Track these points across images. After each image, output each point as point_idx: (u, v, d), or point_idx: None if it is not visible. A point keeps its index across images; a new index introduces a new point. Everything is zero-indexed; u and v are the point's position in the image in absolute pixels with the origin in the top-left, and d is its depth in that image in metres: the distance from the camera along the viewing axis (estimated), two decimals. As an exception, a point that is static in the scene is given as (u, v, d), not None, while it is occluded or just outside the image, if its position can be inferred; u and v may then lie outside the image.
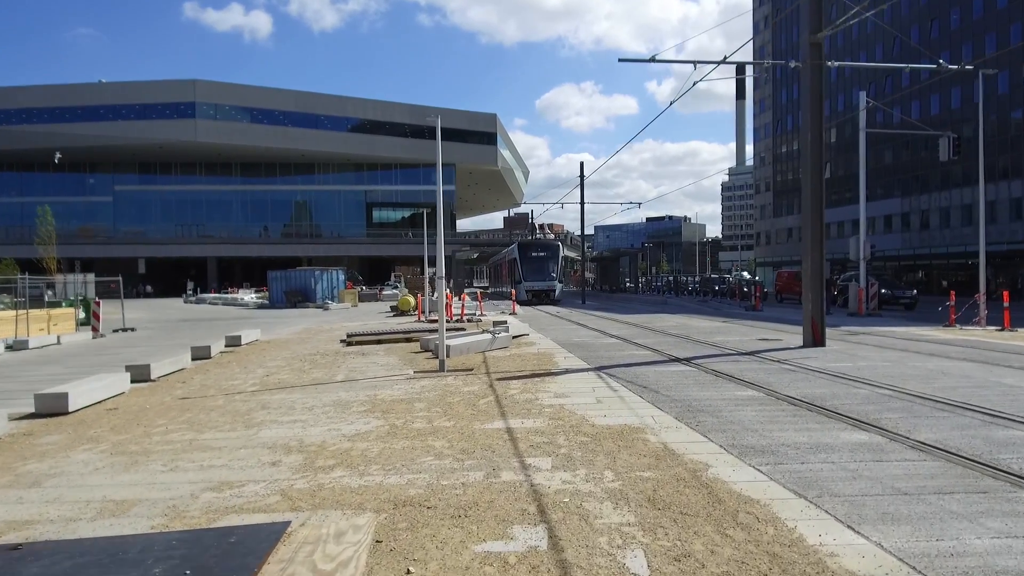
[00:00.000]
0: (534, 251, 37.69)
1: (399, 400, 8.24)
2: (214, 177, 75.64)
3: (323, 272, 44.38)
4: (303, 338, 18.17)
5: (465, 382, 9.55)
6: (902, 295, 30.86)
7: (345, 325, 23.04)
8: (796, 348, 12.99)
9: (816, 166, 12.87)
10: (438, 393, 8.66)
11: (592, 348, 13.86)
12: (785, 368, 10.42)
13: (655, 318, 23.05)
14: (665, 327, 18.85)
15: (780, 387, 8.64)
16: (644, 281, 54.11)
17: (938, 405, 7.38)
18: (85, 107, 67.82)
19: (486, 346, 13.42)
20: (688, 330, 17.74)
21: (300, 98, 72.00)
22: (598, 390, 8.58)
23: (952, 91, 52.70)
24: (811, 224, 12.91)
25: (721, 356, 12.01)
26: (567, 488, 4.59)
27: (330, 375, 10.74)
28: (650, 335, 16.49)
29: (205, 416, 7.70)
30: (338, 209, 77.85)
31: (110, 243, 70.02)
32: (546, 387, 8.91)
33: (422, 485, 4.76)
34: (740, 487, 4.52)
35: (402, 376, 10.34)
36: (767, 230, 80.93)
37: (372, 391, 8.98)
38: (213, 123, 69.11)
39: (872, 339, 14.86)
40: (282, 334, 19.74)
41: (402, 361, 12.32)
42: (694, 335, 16.15)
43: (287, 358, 13.34)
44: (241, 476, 5.20)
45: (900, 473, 4.88)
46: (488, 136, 77.31)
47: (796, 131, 72.50)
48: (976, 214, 50.26)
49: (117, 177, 74.55)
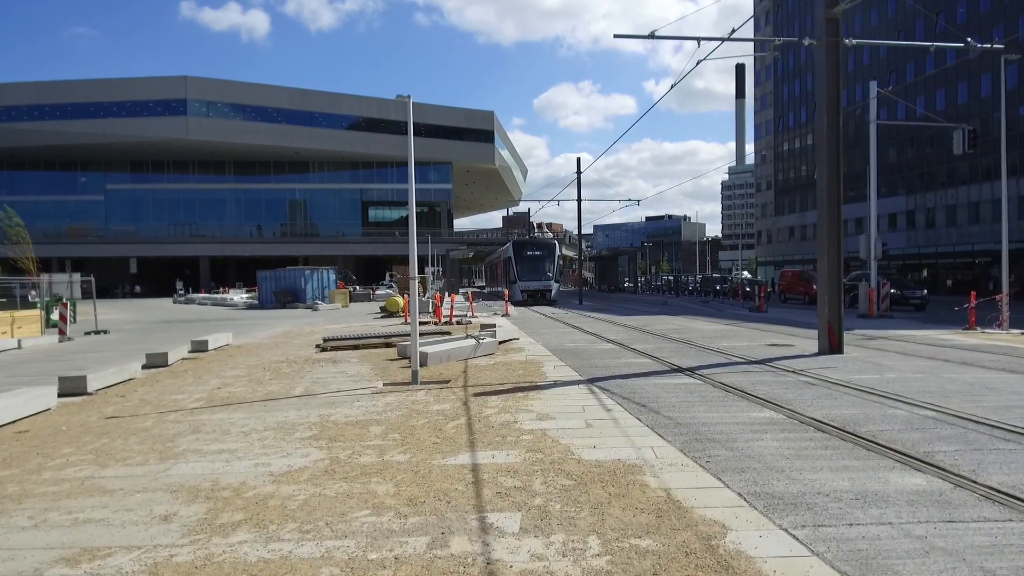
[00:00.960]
0: (529, 250, 36.33)
1: (354, 423, 7.00)
2: (207, 175, 74.33)
3: (313, 272, 43.12)
4: (278, 342, 16.93)
5: (437, 398, 8.31)
6: (912, 295, 29.61)
7: (328, 327, 21.81)
8: (811, 356, 11.74)
9: (833, 155, 11.63)
10: (402, 413, 7.42)
11: (586, 355, 12.61)
12: (803, 381, 9.17)
13: (655, 320, 21.81)
14: (666, 330, 17.61)
15: (802, 406, 7.40)
16: (643, 281, 52.82)
17: (998, 432, 6.14)
18: (75, 104, 66.48)
19: (468, 353, 12.17)
20: (691, 334, 16.49)
21: (294, 95, 70.70)
22: (589, 409, 7.34)
23: (959, 86, 51.38)
24: (827, 219, 11.67)
25: (729, 365, 10.76)
26: (536, 569, 3.35)
27: (288, 388, 9.51)
28: (649, 339, 15.25)
29: (122, 443, 6.46)
30: (333, 208, 76.59)
31: (101, 242, 68.73)
32: (529, 405, 7.67)
33: (341, 560, 3.52)
34: (774, 569, 3.28)
35: (367, 390, 9.11)
36: (768, 229, 79.66)
37: (328, 410, 7.74)
38: (205, 120, 67.79)
39: (892, 344, 13.61)
40: (257, 337, 18.50)
41: (374, 371, 11.08)
42: (697, 340, 14.90)
43: (250, 366, 12.10)
44: (115, 538, 3.97)
45: (986, 543, 3.64)
46: (485, 134, 76.06)
47: (798, 128, 71.23)
48: (985, 211, 49.05)
49: (109, 176, 73.22)
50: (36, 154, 68.68)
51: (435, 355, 11.35)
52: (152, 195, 73.67)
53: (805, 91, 70.10)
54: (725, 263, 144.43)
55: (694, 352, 12.65)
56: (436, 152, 73.60)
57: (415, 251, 9.82)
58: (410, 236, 9.77)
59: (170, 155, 71.49)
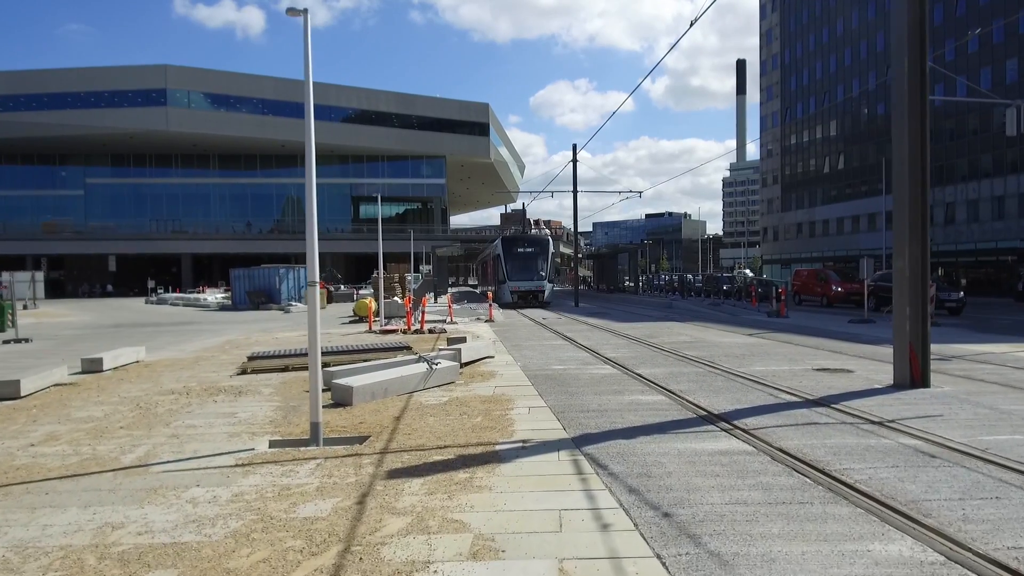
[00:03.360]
0: (520, 246, 32.73)
1: (137, 554, 3.78)
2: (191, 170, 71.14)
3: (289, 270, 39.86)
4: (204, 357, 13.72)
5: (327, 481, 5.09)
6: (947, 298, 26.40)
7: (286, 335, 18.61)
8: (887, 390, 8.52)
9: (916, 124, 8.37)
10: (243, 524, 4.20)
11: (575, 385, 9.37)
12: (910, 447, 5.92)
13: (661, 329, 18.58)
14: (677, 344, 14.37)
15: (951, 519, 4.17)
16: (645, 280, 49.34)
17: None
18: (51, 94, 63.05)
19: (415, 384, 8.93)
20: (710, 350, 13.25)
21: (279, 85, 67.36)
22: (570, 524, 4.13)
23: (1007, 64, 47.42)
24: (909, 206, 8.41)
25: (781, 410, 7.54)
26: None
27: (130, 447, 6.32)
28: (659, 359, 12.02)
29: None
30: (322, 203, 73.29)
31: (79, 239, 65.55)
32: (469, 502, 4.47)
33: None
34: None
35: (237, 455, 5.90)
36: (774, 225, 76.26)
37: (132, 510, 4.52)
38: (186, 111, 64.52)
39: (977, 369, 10.39)
40: (188, 349, 15.26)
41: (279, 411, 7.89)
42: (720, 359, 11.67)
43: (126, 399, 8.92)
44: None
45: None
46: (480, 127, 72.73)
47: (807, 119, 67.83)
48: (1011, 206, 45.73)
49: (89, 170, 69.99)
50: (12, 147, 65.37)
51: (364, 390, 8.13)
52: (134, 190, 70.39)
53: (814, 80, 66.72)
54: (726, 261, 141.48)
55: (722, 382, 9.42)
56: (429, 145, 70.25)
57: (314, 239, 6.64)
58: (307, 201, 6.58)
59: (152, 148, 68.22)
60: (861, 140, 60.53)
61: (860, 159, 60.51)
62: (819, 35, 65.74)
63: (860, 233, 59.92)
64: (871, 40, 58.21)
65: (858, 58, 60.25)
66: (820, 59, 65.75)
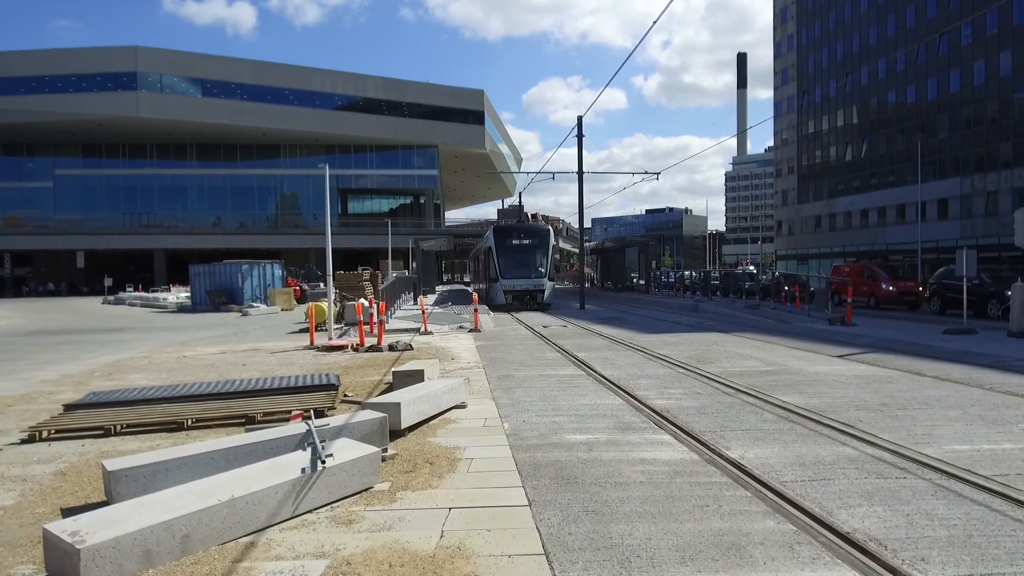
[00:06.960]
0: (515, 237, 27.31)
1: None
2: (167, 161, 66.16)
3: (253, 266, 35.04)
4: (36, 393, 8.92)
5: None
6: None
7: (201, 352, 13.77)
8: None
9: None
10: None
11: (621, 507, 4.56)
12: None
13: (707, 344, 13.76)
14: (751, 377, 9.52)
15: None
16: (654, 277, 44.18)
17: None
18: (12, 78, 57.86)
19: (270, 511, 4.09)
20: (812, 390, 8.41)
21: (258, 68, 62.38)
22: None
23: None
24: None
25: None
26: None
27: None
28: (748, 414, 7.20)
29: None
30: (307, 196, 68.35)
31: (44, 233, 60.69)
32: None
33: None
34: None
35: None
36: (790, 218, 71.30)
37: None
38: (158, 96, 59.48)
39: None
40: (33, 379, 10.41)
41: None
42: (854, 416, 6.86)
43: None
44: None
45: None
46: (475, 115, 67.65)
47: (827, 104, 62.81)
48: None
49: (58, 161, 64.97)
50: (-28, 133, 60.34)
51: (123, 548, 3.30)
52: (106, 182, 65.38)
53: (834, 61, 61.67)
54: (729, 257, 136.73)
55: (907, 491, 4.63)
56: (420, 134, 65.20)
57: None
58: None
59: (124, 137, 63.22)
60: (887, 125, 55.63)
61: (887, 146, 55.61)
62: (840, 12, 60.65)
63: (887, 226, 55.09)
64: (900, 15, 53.23)
65: (884, 35, 55.27)
66: (842, 38, 60.73)
